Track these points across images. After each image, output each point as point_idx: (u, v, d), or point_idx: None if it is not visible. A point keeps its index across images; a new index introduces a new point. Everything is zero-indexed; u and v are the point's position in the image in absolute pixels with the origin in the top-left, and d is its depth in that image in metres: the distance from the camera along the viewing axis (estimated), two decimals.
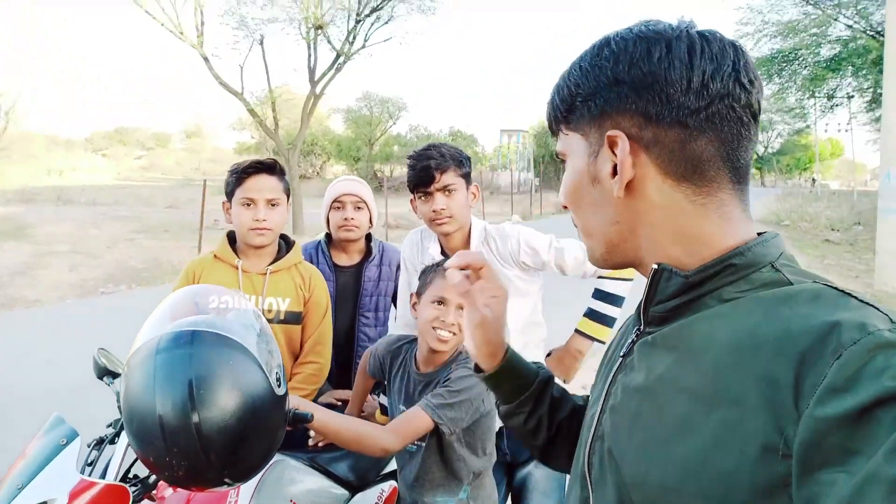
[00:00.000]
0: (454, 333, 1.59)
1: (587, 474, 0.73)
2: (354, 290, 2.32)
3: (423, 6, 17.09)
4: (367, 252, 2.39)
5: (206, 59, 15.71)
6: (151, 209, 21.26)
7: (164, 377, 1.03)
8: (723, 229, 0.66)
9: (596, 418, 0.74)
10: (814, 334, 0.53)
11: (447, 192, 1.82)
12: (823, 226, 18.15)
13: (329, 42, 16.81)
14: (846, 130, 23.02)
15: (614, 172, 0.68)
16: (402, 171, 35.60)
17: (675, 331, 0.66)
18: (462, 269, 0.92)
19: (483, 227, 1.92)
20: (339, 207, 2.29)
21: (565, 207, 0.78)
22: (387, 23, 17.17)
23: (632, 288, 1.90)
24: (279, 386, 1.13)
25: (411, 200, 1.92)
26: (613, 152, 0.67)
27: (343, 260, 2.37)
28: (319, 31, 16.41)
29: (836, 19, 13.75)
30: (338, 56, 16.69)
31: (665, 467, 0.60)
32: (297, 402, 1.32)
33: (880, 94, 10.55)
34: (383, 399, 2.04)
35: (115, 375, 1.58)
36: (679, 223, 0.67)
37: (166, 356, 1.06)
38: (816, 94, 16.37)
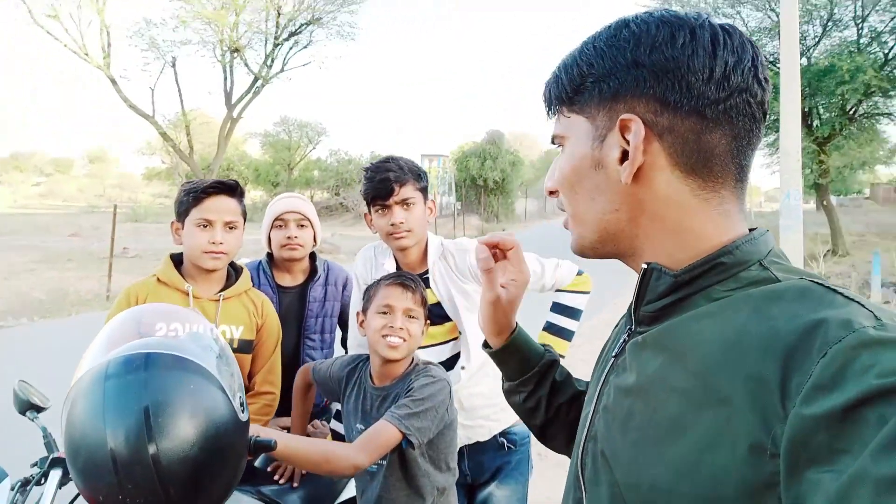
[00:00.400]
0: (404, 339, 1.59)
1: (580, 475, 0.73)
2: (299, 311, 2.26)
3: (342, 32, 17.18)
4: (312, 271, 2.32)
5: (113, 80, 15.09)
6: (53, 237, 19.90)
7: (115, 406, 0.92)
8: (719, 226, 0.66)
9: (589, 419, 0.74)
10: (799, 332, 0.53)
11: (406, 206, 1.79)
12: None
13: (246, 65, 16.57)
14: None
15: (623, 159, 0.66)
16: (323, 195, 35.48)
17: (664, 331, 0.66)
18: (492, 247, 0.95)
19: (440, 241, 1.91)
20: (280, 226, 2.21)
21: (551, 193, 0.77)
22: (305, 47, 17.15)
23: (588, 301, 1.94)
24: (242, 411, 1.06)
25: (365, 215, 1.89)
26: (624, 137, 0.66)
27: (286, 280, 2.29)
28: (236, 55, 16.14)
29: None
30: (255, 80, 16.44)
31: (657, 468, 0.60)
32: (256, 429, 1.25)
33: (775, 120, 11.52)
34: (334, 424, 2.02)
35: (38, 409, 1.50)
36: (680, 217, 0.66)
37: (117, 382, 0.95)
38: None
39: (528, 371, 0.99)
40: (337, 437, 1.98)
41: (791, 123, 9.21)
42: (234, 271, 1.97)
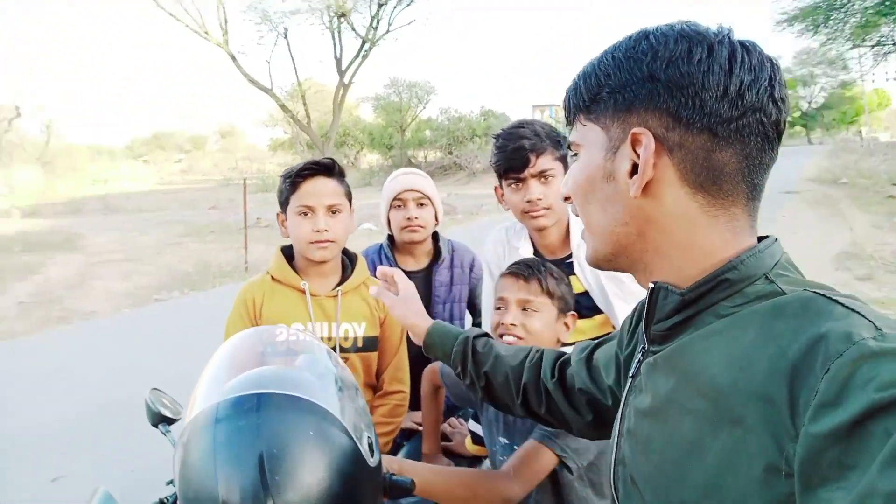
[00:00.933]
0: (519, 337, 1.38)
1: (615, 498, 0.74)
2: (425, 297, 2.06)
3: None
4: (436, 253, 2.14)
5: (233, 57, 15.75)
6: (195, 212, 21.55)
7: (226, 455, 0.82)
8: (727, 242, 0.65)
9: (616, 442, 0.75)
10: (803, 349, 0.53)
11: (543, 179, 1.57)
12: (883, 181, 17.23)
13: (353, 29, 16.64)
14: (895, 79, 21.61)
15: (633, 171, 0.66)
16: (436, 155, 35.64)
17: (674, 351, 0.66)
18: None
19: None
20: (399, 206, 2.05)
21: (566, 199, 0.76)
22: (409, 5, 16.87)
23: None
24: (372, 455, 0.92)
25: (496, 188, 1.67)
26: (635, 150, 0.65)
27: (410, 264, 2.12)
28: (343, 19, 16.22)
29: None
30: (363, 43, 16.50)
31: (683, 490, 0.60)
32: (389, 462, 1.11)
33: None
34: (472, 425, 1.81)
35: (170, 421, 1.39)
36: (688, 233, 0.65)
37: (228, 427, 0.84)
38: (866, 42, 15.22)
39: (450, 353, 1.15)
40: (477, 439, 1.80)
41: None
42: (348, 260, 1.79)
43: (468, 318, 2.21)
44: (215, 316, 7.77)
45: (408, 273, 2.07)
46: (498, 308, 1.42)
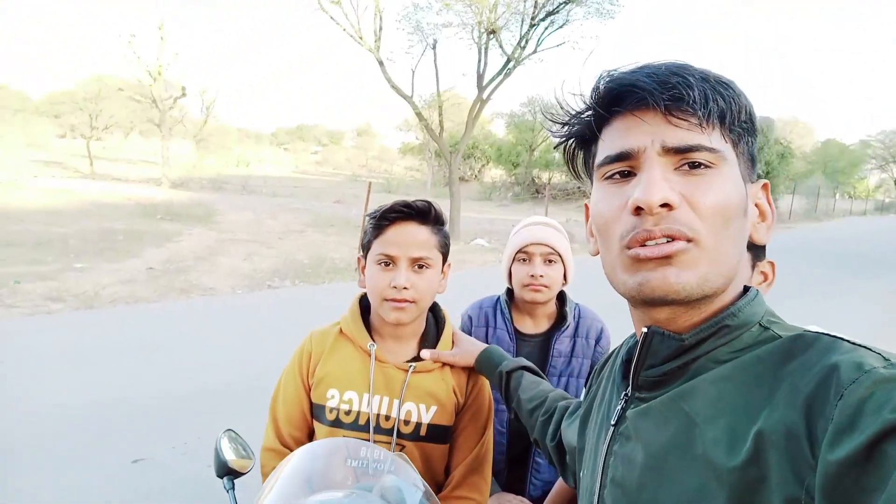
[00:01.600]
0: None
1: None
2: (541, 366, 1.77)
3: (601, 10, 16.26)
4: (559, 318, 1.85)
5: (381, 63, 16.19)
6: (321, 203, 22.53)
7: None
8: (734, 288, 0.67)
9: (597, 493, 0.72)
10: (816, 380, 0.54)
11: None
12: None
13: (501, 47, 16.58)
14: None
15: (760, 215, 0.69)
16: (560, 178, 35.11)
17: (676, 397, 0.65)
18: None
19: None
20: (524, 260, 1.78)
21: (663, 206, 0.62)
22: (561, 27, 16.56)
23: None
24: None
25: None
26: (757, 198, 0.69)
27: (527, 326, 1.84)
28: (492, 36, 16.23)
29: None
30: (508, 61, 16.41)
31: None
32: None
33: None
34: None
35: (237, 475, 1.23)
36: (736, 275, 0.67)
37: None
38: None
39: (492, 381, 1.30)
40: None
41: None
42: (434, 323, 1.48)
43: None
44: (318, 313, 7.89)
45: (524, 336, 1.83)
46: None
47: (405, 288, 1.31)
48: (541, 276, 1.74)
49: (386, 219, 1.34)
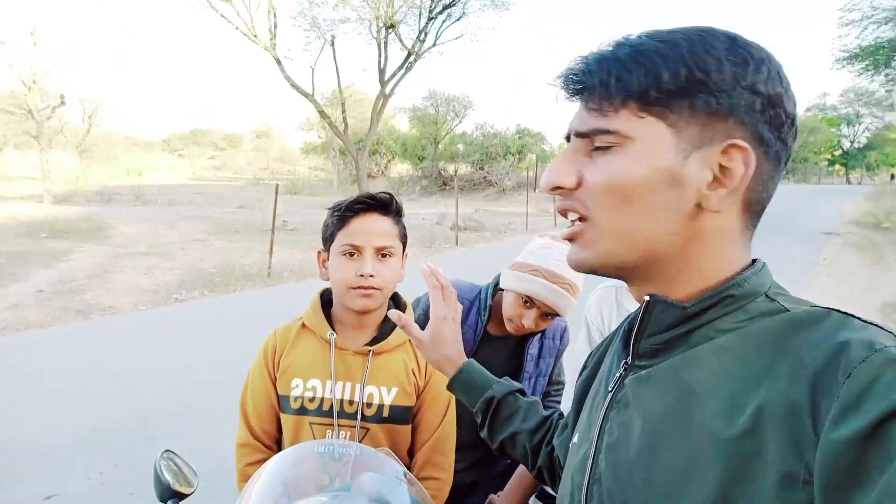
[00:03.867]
0: None
1: None
2: (515, 371, 1.74)
3: (496, 1, 16.55)
4: None
5: (278, 61, 15.72)
6: (223, 209, 21.58)
7: None
8: (736, 257, 0.65)
9: (591, 459, 0.71)
10: (824, 357, 0.53)
11: None
12: None
13: (400, 41, 16.54)
14: None
15: (714, 182, 0.62)
16: (467, 169, 35.57)
17: (675, 365, 0.64)
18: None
19: None
20: (527, 305, 1.61)
21: (554, 190, 0.68)
22: (458, 19, 16.74)
23: None
24: None
25: None
26: (722, 162, 0.61)
27: (501, 329, 1.75)
28: (391, 31, 16.14)
29: None
30: (408, 55, 16.38)
31: None
32: None
33: None
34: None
35: (180, 497, 1.16)
36: (725, 251, 0.65)
37: None
38: None
39: (474, 403, 1.04)
40: None
41: None
42: (395, 307, 1.50)
43: None
44: (233, 322, 7.55)
45: (491, 337, 1.73)
46: None
47: (371, 276, 1.36)
48: (533, 326, 1.63)
49: (351, 210, 1.39)
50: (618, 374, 0.72)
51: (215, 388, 4.80)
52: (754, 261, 0.68)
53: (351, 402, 1.39)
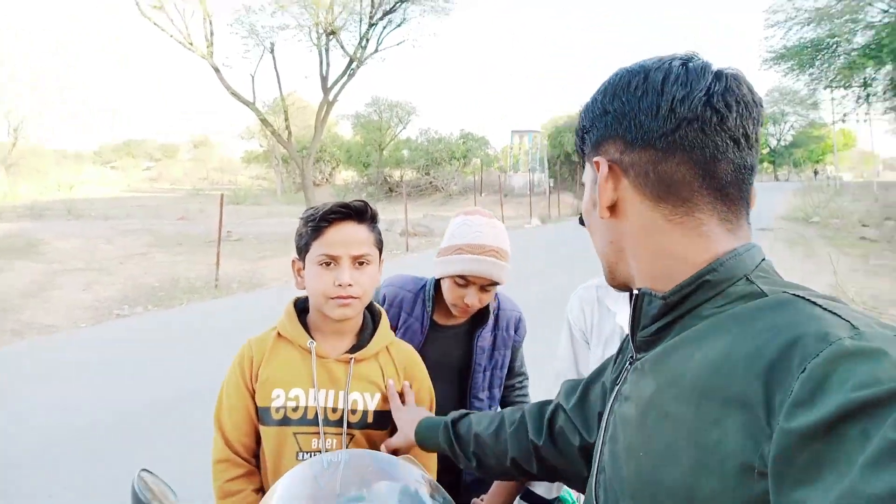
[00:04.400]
0: None
1: None
2: (464, 363, 1.77)
3: (436, 7, 16.69)
4: (480, 312, 1.78)
5: (216, 69, 15.39)
6: (162, 222, 20.89)
7: None
8: (699, 247, 0.67)
9: (598, 450, 0.75)
10: (779, 349, 0.53)
11: None
12: (854, 222, 17.56)
13: (342, 47, 16.45)
14: (865, 121, 22.19)
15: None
16: (412, 175, 35.55)
17: (658, 355, 0.67)
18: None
19: None
20: (462, 285, 1.65)
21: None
22: (399, 25, 16.79)
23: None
24: None
25: None
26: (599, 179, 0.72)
27: (448, 319, 1.77)
28: (332, 37, 16.04)
29: (870, 4, 13.05)
30: (351, 62, 16.31)
31: (658, 497, 0.60)
32: None
33: None
34: None
35: None
36: (658, 242, 0.69)
37: None
38: (853, 84, 15.39)
39: (439, 445, 1.17)
40: None
41: None
42: (370, 317, 1.51)
43: None
44: (181, 337, 7.35)
45: (440, 327, 1.76)
46: None
47: (350, 285, 1.35)
48: (475, 304, 1.67)
49: (326, 220, 1.37)
50: (622, 368, 0.77)
51: (167, 404, 4.70)
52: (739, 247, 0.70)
53: (335, 410, 1.38)
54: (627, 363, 0.76)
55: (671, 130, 0.66)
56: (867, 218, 17.91)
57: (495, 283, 1.68)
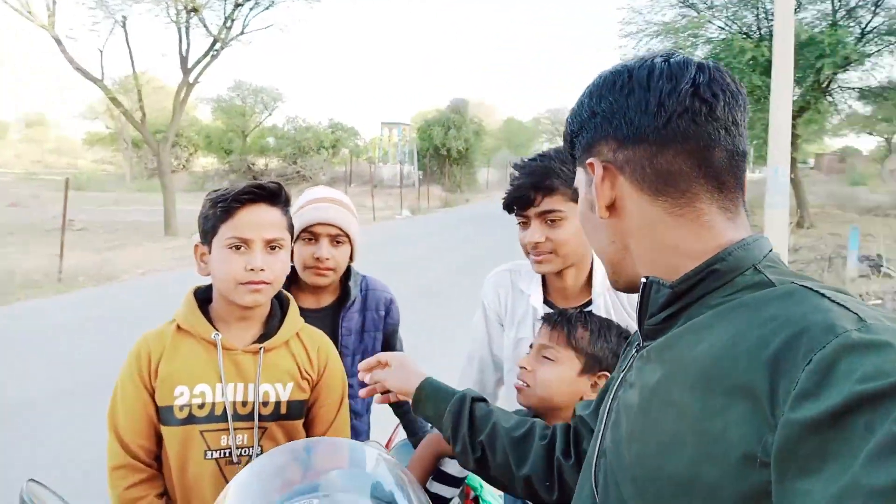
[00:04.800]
0: (526, 384, 1.32)
1: (594, 491, 0.74)
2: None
3: None
4: (344, 293, 1.77)
5: (58, 41, 13.86)
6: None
7: None
8: (703, 237, 0.68)
9: (600, 434, 0.76)
10: (785, 339, 0.53)
11: (549, 221, 1.39)
12: None
13: (205, 27, 15.47)
14: None
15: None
16: (278, 164, 34.23)
17: (664, 343, 0.68)
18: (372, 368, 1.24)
19: None
20: (309, 240, 1.66)
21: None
22: (267, 8, 16.11)
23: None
24: None
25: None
26: (595, 179, 0.73)
27: (308, 302, 1.73)
28: (193, 14, 15.03)
29: (710, 21, 14.46)
30: (214, 42, 15.41)
31: (660, 482, 0.61)
32: None
33: (750, 93, 11.30)
34: (436, 487, 1.58)
35: None
36: (660, 235, 0.70)
37: None
38: None
39: (444, 411, 1.06)
40: (439, 501, 1.58)
41: (782, 98, 8.96)
42: (278, 304, 1.46)
43: None
44: (19, 338, 6.67)
45: (306, 312, 1.65)
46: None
47: (262, 270, 1.29)
48: (327, 258, 1.65)
49: (238, 201, 1.30)
50: (630, 356, 0.77)
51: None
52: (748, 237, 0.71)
53: (244, 404, 1.33)
54: (634, 351, 0.76)
55: (663, 124, 0.67)
56: None
57: (344, 234, 1.68)
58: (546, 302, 1.52)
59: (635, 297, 1.52)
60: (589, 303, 1.49)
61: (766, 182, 8.91)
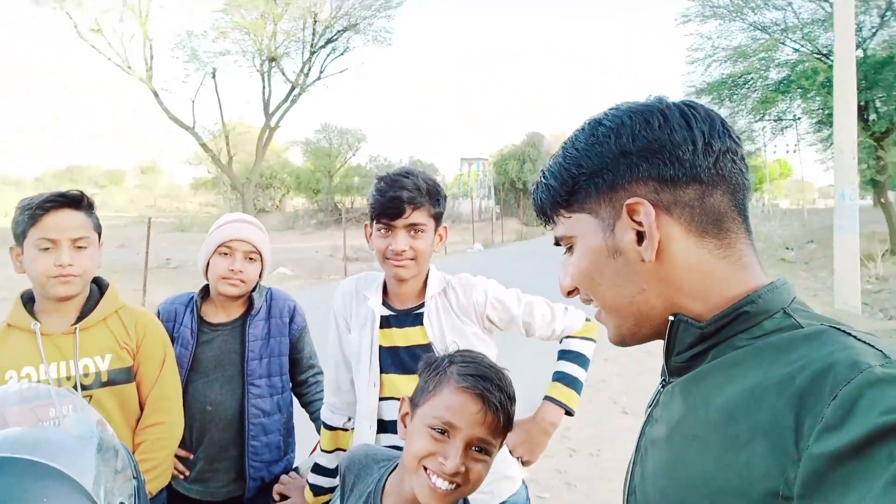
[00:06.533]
0: (456, 485, 1.05)
1: None
2: (239, 354, 1.90)
3: (378, 37, 17.06)
4: (250, 304, 1.97)
5: (155, 93, 15.32)
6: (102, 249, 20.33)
7: None
8: (741, 279, 0.67)
9: (630, 472, 0.76)
10: (811, 376, 0.54)
11: (414, 232, 1.54)
12: (777, 244, 18.46)
13: (283, 74, 16.61)
14: (794, 151, 23.62)
15: (639, 240, 0.68)
16: (362, 202, 35.59)
17: (690, 380, 0.68)
18: None
19: (441, 276, 1.67)
20: (226, 254, 1.86)
21: (570, 294, 0.78)
22: (342, 54, 17.08)
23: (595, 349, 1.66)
24: None
25: (365, 226, 1.64)
26: (634, 220, 0.68)
27: (219, 316, 1.94)
28: (273, 64, 16.19)
29: (783, 43, 14.03)
30: (292, 88, 16.47)
31: None
32: None
33: (828, 115, 10.69)
34: (312, 477, 1.71)
35: None
36: (705, 279, 0.68)
37: None
38: (766, 117, 16.54)
39: None
40: (318, 491, 1.70)
41: (845, 119, 8.56)
42: (98, 290, 1.69)
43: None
44: None
45: (216, 326, 1.92)
46: (441, 433, 1.07)
47: (70, 264, 1.53)
48: (240, 270, 1.85)
49: (42, 208, 1.53)
50: (656, 392, 0.78)
51: None
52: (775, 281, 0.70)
53: (68, 378, 1.55)
54: (660, 386, 0.77)
55: (713, 163, 0.67)
56: (791, 241, 18.85)
57: (257, 251, 1.89)
58: (384, 304, 1.63)
59: (467, 298, 1.57)
60: (422, 305, 1.60)
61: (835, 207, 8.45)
